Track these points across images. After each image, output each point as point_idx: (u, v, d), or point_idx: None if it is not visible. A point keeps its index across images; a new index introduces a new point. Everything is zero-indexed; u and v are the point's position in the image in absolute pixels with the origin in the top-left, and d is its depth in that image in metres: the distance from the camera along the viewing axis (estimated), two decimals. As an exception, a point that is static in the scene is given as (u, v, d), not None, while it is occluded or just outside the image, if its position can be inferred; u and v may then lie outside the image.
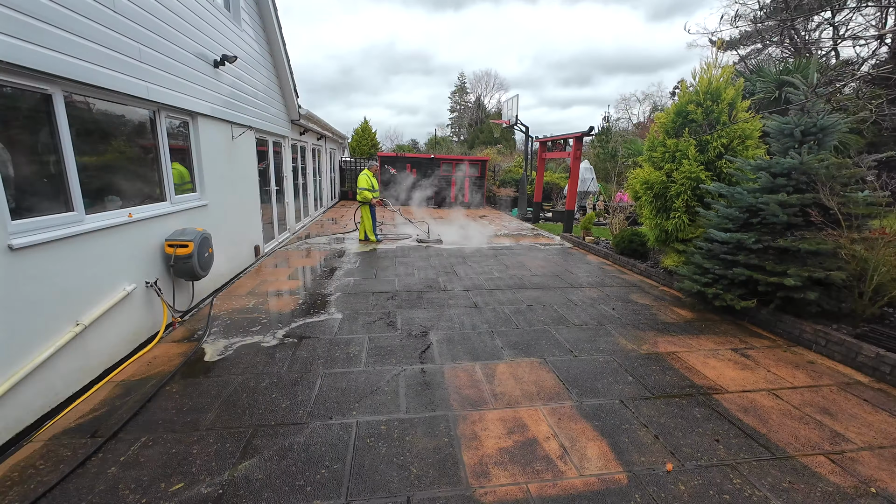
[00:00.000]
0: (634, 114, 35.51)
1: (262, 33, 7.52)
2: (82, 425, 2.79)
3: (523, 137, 16.16)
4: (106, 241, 3.49)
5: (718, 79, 6.09)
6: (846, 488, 2.39)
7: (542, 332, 4.47)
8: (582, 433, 2.83)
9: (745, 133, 5.91)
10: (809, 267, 4.26)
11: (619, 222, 8.99)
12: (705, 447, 2.72)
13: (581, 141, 10.52)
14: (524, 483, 2.38)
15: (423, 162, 16.70)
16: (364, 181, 8.78)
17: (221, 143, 5.81)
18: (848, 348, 3.87)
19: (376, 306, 5.14)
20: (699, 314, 5.14)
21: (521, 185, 14.45)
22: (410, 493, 2.29)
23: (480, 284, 6.17)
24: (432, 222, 12.27)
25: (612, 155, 18.75)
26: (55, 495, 2.21)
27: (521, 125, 14.85)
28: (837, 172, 4.44)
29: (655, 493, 2.33)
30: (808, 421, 3.03)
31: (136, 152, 4.14)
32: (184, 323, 4.53)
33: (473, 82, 49.24)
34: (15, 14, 2.60)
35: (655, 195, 6.51)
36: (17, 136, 2.87)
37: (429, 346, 4.09)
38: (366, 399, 3.16)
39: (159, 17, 4.19)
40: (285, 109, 9.10)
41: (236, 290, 5.66)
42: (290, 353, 3.86)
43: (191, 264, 4.30)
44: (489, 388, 3.37)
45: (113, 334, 3.55)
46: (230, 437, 2.70)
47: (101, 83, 3.37)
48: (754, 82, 10.13)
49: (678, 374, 3.66)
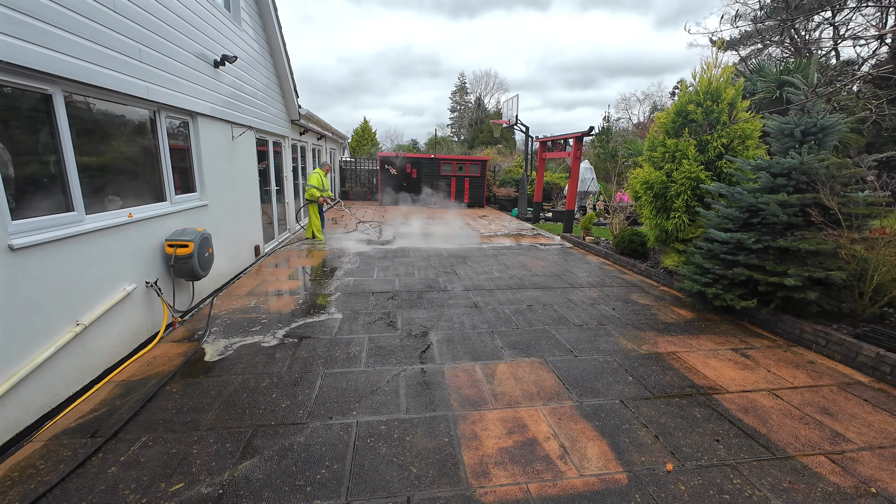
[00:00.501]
0: (634, 114, 35.52)
1: (262, 33, 7.52)
2: (82, 425, 2.79)
3: (523, 137, 16.17)
4: (106, 241, 3.49)
5: (718, 79, 6.09)
6: (846, 488, 2.39)
7: (543, 332, 4.47)
8: (582, 433, 2.83)
9: (745, 133, 5.91)
10: (809, 267, 4.26)
11: (619, 222, 8.99)
12: (705, 447, 2.72)
13: (581, 141, 10.52)
14: (524, 483, 2.38)
15: (423, 162, 16.70)
16: (315, 179, 8.97)
17: (221, 143, 5.81)
18: (848, 348, 3.87)
19: (376, 306, 5.14)
20: (699, 314, 5.14)
21: (521, 185, 14.45)
22: (410, 493, 2.29)
23: (480, 284, 6.17)
24: (432, 223, 12.27)
25: (613, 155, 18.75)
26: (55, 495, 2.21)
27: (521, 125, 14.85)
28: (837, 172, 4.44)
29: (655, 493, 2.33)
30: (809, 421, 3.03)
31: (137, 152, 4.14)
32: (184, 323, 4.53)
33: (473, 82, 49.32)
34: (15, 14, 2.60)
35: (655, 195, 6.51)
36: (17, 136, 2.87)
37: (429, 346, 4.09)
38: (366, 399, 3.16)
39: (159, 17, 4.20)
40: (285, 109, 9.10)
41: (236, 290, 5.66)
42: (291, 353, 3.86)
43: (191, 264, 4.30)
44: (489, 388, 3.37)
45: (113, 334, 3.55)
46: (230, 437, 2.70)
47: (101, 83, 3.37)
48: (755, 82, 10.13)
49: (678, 374, 3.66)
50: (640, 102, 38.56)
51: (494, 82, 50.20)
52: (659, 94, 38.73)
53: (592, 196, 15.12)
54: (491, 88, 48.32)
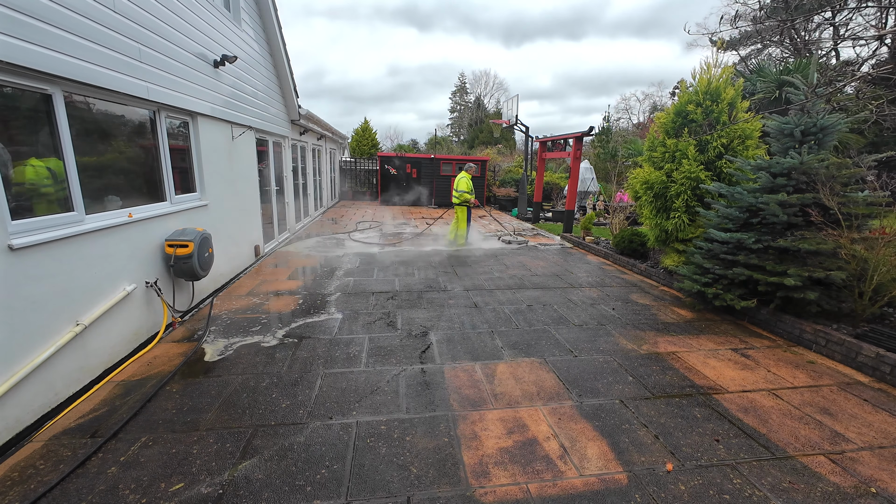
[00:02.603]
0: (634, 114, 35.53)
1: (262, 33, 7.52)
2: (82, 425, 2.79)
3: (523, 137, 16.17)
4: (106, 241, 3.49)
5: (718, 79, 6.09)
6: (846, 488, 2.39)
7: (543, 332, 4.47)
8: (582, 433, 2.83)
9: (745, 133, 5.91)
10: (809, 267, 4.26)
11: (619, 222, 8.99)
12: (705, 447, 2.72)
13: (581, 141, 10.51)
14: (524, 483, 2.38)
15: (423, 162, 16.69)
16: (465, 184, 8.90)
17: (221, 143, 5.81)
18: (848, 348, 3.87)
19: (376, 306, 5.14)
20: (699, 314, 5.14)
21: (521, 185, 14.45)
22: (410, 493, 2.29)
23: (480, 284, 6.17)
24: (430, 222, 12.28)
25: (612, 155, 18.75)
26: (55, 495, 2.21)
27: (521, 125, 14.85)
28: (837, 172, 4.44)
29: (655, 493, 2.33)
30: (808, 421, 3.03)
31: (137, 152, 4.14)
32: (184, 323, 4.53)
33: (473, 82, 49.33)
34: (15, 14, 2.60)
35: (655, 195, 6.51)
36: (17, 136, 2.87)
37: (429, 346, 4.09)
38: (366, 399, 3.16)
39: (159, 17, 4.19)
40: (285, 109, 9.10)
41: (236, 290, 5.66)
42: (290, 353, 3.86)
43: (191, 264, 4.30)
44: (489, 388, 3.37)
45: (113, 334, 3.55)
46: (230, 436, 2.70)
47: (101, 83, 3.37)
48: (754, 82, 10.14)
49: (678, 373, 3.66)
50: (640, 102, 38.57)
51: (494, 82, 50.28)
52: (659, 94, 38.75)
53: (592, 196, 15.12)
54: (491, 88, 48.38)
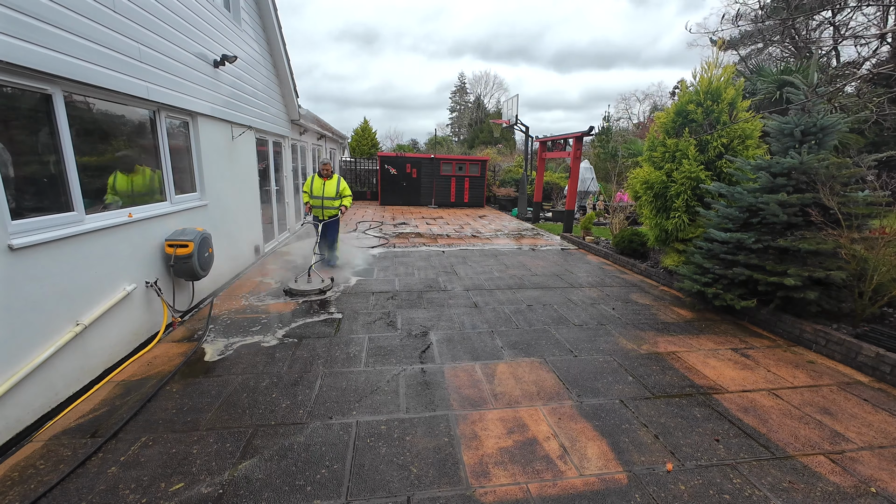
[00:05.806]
0: (634, 114, 35.53)
1: (262, 33, 7.52)
2: (82, 425, 2.79)
3: (523, 137, 16.16)
4: (106, 241, 3.49)
5: (719, 78, 6.09)
6: (846, 488, 2.39)
7: (542, 332, 4.47)
8: (582, 433, 2.83)
9: (745, 133, 5.91)
10: (809, 267, 4.26)
11: (619, 222, 8.99)
12: (705, 447, 2.72)
13: (581, 141, 10.51)
14: (524, 483, 2.38)
15: (423, 162, 16.68)
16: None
17: (221, 142, 5.81)
18: (848, 348, 3.87)
19: (376, 306, 5.14)
20: (699, 314, 5.14)
21: (521, 185, 14.44)
22: (410, 493, 2.29)
23: (480, 284, 6.17)
24: (432, 222, 12.28)
25: (612, 155, 18.73)
26: (55, 495, 2.21)
27: (521, 125, 14.85)
28: (837, 172, 4.43)
29: (655, 492, 2.33)
30: (808, 421, 3.03)
31: (137, 152, 4.14)
32: (184, 323, 4.53)
33: (473, 82, 49.32)
34: (15, 14, 2.60)
35: (655, 195, 6.51)
36: (17, 136, 2.87)
37: (429, 345, 4.09)
38: (366, 399, 3.16)
39: (159, 17, 4.19)
40: (285, 109, 9.09)
41: (237, 289, 5.66)
42: (290, 352, 3.86)
43: (191, 264, 4.30)
44: (489, 387, 3.37)
45: (113, 334, 3.55)
46: (230, 436, 2.70)
47: (101, 83, 3.37)
48: (755, 82, 10.14)
49: (678, 373, 3.66)
50: (640, 102, 38.54)
51: (494, 82, 50.20)
52: (659, 94, 38.68)
53: (592, 196, 15.12)
54: (491, 88, 48.36)
